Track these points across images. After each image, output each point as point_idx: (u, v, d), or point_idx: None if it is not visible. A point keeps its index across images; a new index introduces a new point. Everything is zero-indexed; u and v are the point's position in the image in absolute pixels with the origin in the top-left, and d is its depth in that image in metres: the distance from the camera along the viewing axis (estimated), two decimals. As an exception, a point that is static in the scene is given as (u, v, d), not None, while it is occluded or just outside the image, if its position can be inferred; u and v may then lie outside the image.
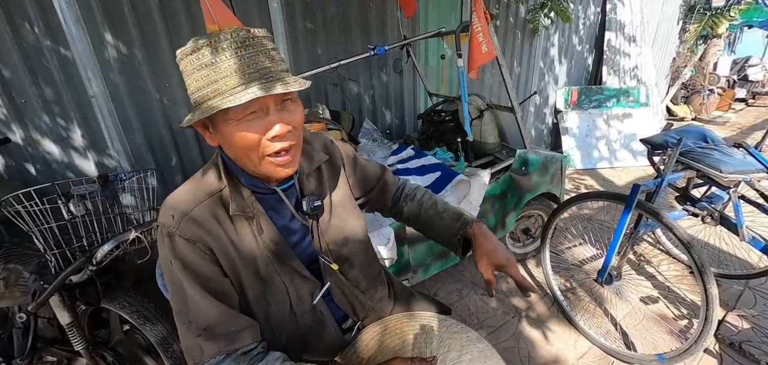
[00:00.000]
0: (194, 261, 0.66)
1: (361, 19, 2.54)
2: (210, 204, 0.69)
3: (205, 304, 0.65)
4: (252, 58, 0.59)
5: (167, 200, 0.70)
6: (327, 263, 0.80)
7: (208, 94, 0.60)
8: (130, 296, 1.30)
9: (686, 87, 6.01)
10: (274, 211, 0.76)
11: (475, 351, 0.79)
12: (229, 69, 0.58)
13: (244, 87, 0.58)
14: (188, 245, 0.66)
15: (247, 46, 0.59)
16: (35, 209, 1.05)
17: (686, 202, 1.84)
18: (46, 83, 1.73)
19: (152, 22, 1.86)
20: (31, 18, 1.63)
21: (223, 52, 0.58)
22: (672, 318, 1.93)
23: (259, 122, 0.62)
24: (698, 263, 1.38)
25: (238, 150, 0.65)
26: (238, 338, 0.67)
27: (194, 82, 0.60)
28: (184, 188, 0.71)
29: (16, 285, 1.24)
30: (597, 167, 4.11)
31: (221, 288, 0.69)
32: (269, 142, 0.63)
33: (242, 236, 0.71)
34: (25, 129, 1.74)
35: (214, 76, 0.59)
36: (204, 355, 0.65)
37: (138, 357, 1.40)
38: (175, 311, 0.68)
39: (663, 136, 1.77)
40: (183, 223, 0.66)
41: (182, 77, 0.63)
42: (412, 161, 1.90)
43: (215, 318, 0.66)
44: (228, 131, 0.62)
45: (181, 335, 0.67)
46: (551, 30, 3.82)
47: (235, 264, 0.70)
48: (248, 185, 0.72)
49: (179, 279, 0.66)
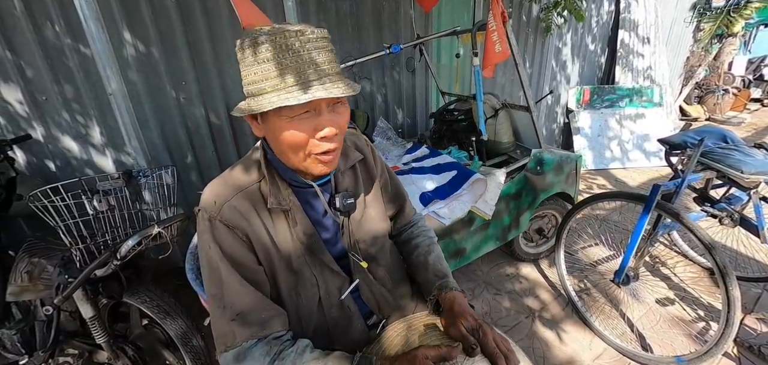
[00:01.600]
0: (233, 247, 0.68)
1: (375, 17, 2.54)
2: (249, 194, 0.71)
3: (241, 290, 0.67)
4: (312, 58, 0.60)
5: (209, 187, 0.72)
6: (357, 261, 0.82)
7: (266, 87, 0.60)
8: (150, 290, 1.32)
9: (700, 87, 5.91)
10: (308, 205, 0.78)
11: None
12: (290, 66, 0.59)
13: (302, 86, 0.59)
14: (228, 231, 0.68)
15: (308, 45, 0.60)
16: (61, 204, 1.07)
17: (705, 203, 1.81)
18: (66, 81, 1.75)
19: (169, 20, 1.88)
20: (53, 17, 1.65)
21: (286, 50, 0.58)
22: (689, 321, 1.90)
23: (310, 121, 0.63)
24: (721, 266, 1.36)
25: (284, 146, 0.65)
26: (269, 324, 0.68)
27: (252, 75, 0.61)
28: (226, 176, 0.73)
29: (39, 278, 1.26)
30: (609, 167, 4.06)
31: (255, 276, 0.71)
32: (317, 141, 0.65)
33: (278, 228, 0.73)
34: (46, 126, 1.77)
35: (274, 72, 0.59)
36: (236, 339, 0.66)
37: (157, 351, 1.42)
38: (210, 294, 0.69)
39: (682, 136, 1.75)
40: (224, 209, 0.68)
41: (239, 67, 0.64)
42: (426, 159, 1.90)
43: (249, 305, 0.67)
44: (278, 126, 0.63)
45: (214, 318, 0.68)
46: (564, 29, 3.78)
47: (270, 254, 0.72)
48: (286, 178, 0.74)
49: (217, 263, 0.68)
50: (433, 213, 1.60)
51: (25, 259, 1.28)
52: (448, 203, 1.62)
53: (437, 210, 1.60)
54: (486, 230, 1.91)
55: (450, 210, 1.62)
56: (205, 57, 2.02)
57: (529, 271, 2.35)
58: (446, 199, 1.61)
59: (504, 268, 2.38)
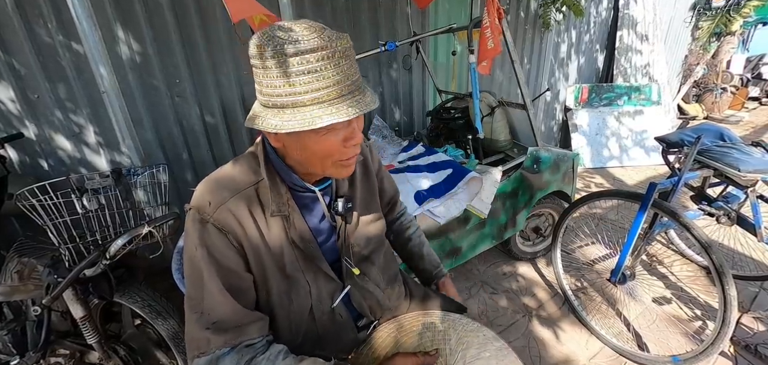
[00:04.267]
0: (221, 252, 0.66)
1: (371, 14, 2.52)
2: (246, 196, 0.69)
3: (221, 299, 0.65)
4: (349, 69, 0.59)
5: (203, 185, 0.69)
6: (349, 267, 0.80)
7: (304, 101, 0.57)
8: (142, 290, 1.31)
9: (698, 85, 5.90)
10: (307, 209, 0.76)
11: (492, 350, 0.78)
12: (332, 79, 0.57)
13: (343, 99, 0.58)
14: (219, 234, 0.66)
15: (347, 57, 0.59)
16: (49, 203, 1.05)
17: (701, 201, 1.80)
18: (59, 79, 1.74)
19: (162, 18, 1.86)
20: (45, 14, 1.63)
21: (328, 60, 0.56)
22: (686, 320, 1.90)
23: (343, 131, 0.63)
24: (717, 265, 1.35)
25: (315, 156, 0.65)
26: (244, 331, 0.66)
27: (288, 86, 0.57)
28: (221, 174, 0.71)
29: (30, 278, 1.25)
30: (607, 165, 4.06)
31: (241, 283, 0.69)
32: (347, 148, 0.65)
33: (274, 233, 0.71)
34: (39, 125, 1.75)
35: (316, 85, 0.56)
36: (210, 346, 0.64)
37: (149, 351, 1.41)
38: (188, 296, 0.67)
39: (679, 134, 1.74)
40: (219, 211, 0.65)
41: (258, 72, 0.59)
42: (422, 157, 1.89)
43: (227, 314, 0.65)
44: (312, 139, 0.62)
45: (188, 322, 0.67)
46: (562, 26, 3.77)
47: (262, 260, 0.70)
48: (287, 182, 0.72)
49: (201, 267, 0.65)
50: (428, 212, 1.59)
51: (15, 259, 1.27)
52: (443, 202, 1.61)
53: (432, 209, 1.59)
54: (482, 229, 1.90)
55: (445, 209, 1.61)
56: (200, 55, 2.00)
57: (526, 270, 2.34)
58: (441, 197, 1.60)
59: (501, 267, 2.37)
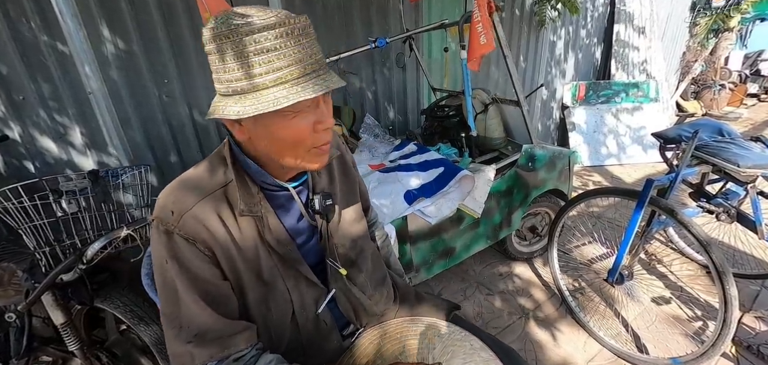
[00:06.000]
0: (193, 263, 0.61)
1: (363, 12, 2.49)
2: (213, 200, 0.63)
3: (198, 311, 0.61)
4: (311, 47, 0.55)
5: (165, 193, 0.63)
6: (335, 268, 0.76)
7: (266, 82, 0.53)
8: (124, 295, 1.27)
9: (696, 82, 5.87)
10: (282, 209, 0.71)
11: (479, 361, 0.74)
12: (293, 57, 0.53)
13: (307, 78, 0.55)
14: (188, 244, 0.61)
15: (307, 34, 0.55)
16: (22, 207, 1.02)
17: (701, 198, 1.77)
18: (44, 80, 1.71)
19: (149, 16, 1.83)
20: (28, 13, 1.60)
21: (288, 38, 0.52)
22: (686, 320, 1.86)
23: (312, 113, 0.59)
24: (717, 264, 1.32)
25: (285, 143, 0.60)
26: (231, 343, 0.62)
27: (246, 68, 0.53)
28: (185, 178, 0.65)
29: (9, 284, 1.21)
30: (605, 163, 4.02)
31: (219, 291, 0.64)
32: (319, 134, 0.61)
33: (246, 236, 0.66)
34: (24, 126, 1.72)
35: (277, 64, 0.52)
36: (195, 361, 0.60)
37: (134, 357, 1.37)
38: (164, 313, 0.63)
39: (676, 129, 1.70)
40: (183, 220, 0.60)
41: (213, 59, 0.56)
42: (414, 156, 1.85)
43: (208, 324, 0.61)
44: (279, 124, 0.57)
45: (168, 339, 0.62)
46: (558, 22, 3.73)
47: (236, 266, 0.65)
48: (258, 181, 0.67)
49: (173, 280, 0.61)
50: (419, 212, 1.55)
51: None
52: (434, 201, 1.58)
53: (423, 209, 1.55)
54: (476, 229, 1.86)
55: (437, 208, 1.57)
56: (189, 54, 1.97)
57: (522, 270, 2.30)
58: (432, 197, 1.56)
59: (497, 267, 2.33)
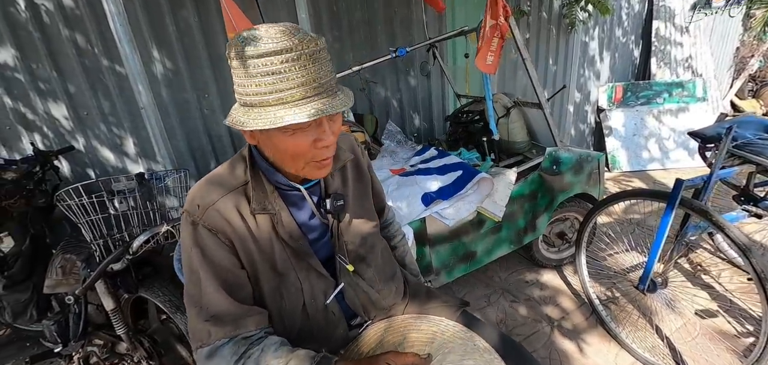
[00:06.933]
0: (214, 251, 0.69)
1: (386, 25, 2.57)
2: (234, 196, 0.71)
3: (217, 297, 0.68)
4: (318, 72, 0.59)
5: (194, 189, 0.73)
6: (343, 264, 0.81)
7: (270, 101, 0.59)
8: (165, 287, 1.41)
9: (754, 79, 5.35)
10: (295, 207, 0.77)
11: (480, 361, 0.75)
12: (296, 80, 0.58)
13: (308, 101, 0.59)
14: (210, 235, 0.69)
15: (314, 60, 0.59)
16: (81, 204, 1.18)
17: (747, 202, 1.63)
18: (104, 97, 1.94)
19: (192, 38, 2.03)
20: (92, 40, 1.84)
21: (293, 63, 0.57)
22: (734, 336, 1.71)
23: (312, 131, 0.64)
24: (758, 271, 1.22)
25: (285, 155, 0.66)
26: (242, 324, 0.69)
27: (254, 86, 0.59)
28: (210, 178, 0.74)
29: (71, 273, 1.39)
30: (647, 168, 3.77)
31: (236, 280, 0.72)
32: (318, 150, 0.66)
33: (262, 229, 0.73)
34: (87, 138, 1.96)
35: (280, 86, 0.58)
36: (211, 338, 0.68)
37: (171, 344, 1.51)
38: (188, 293, 0.72)
39: (715, 127, 1.60)
40: (207, 213, 0.68)
41: (232, 72, 0.62)
42: (434, 160, 1.87)
43: (225, 309, 0.68)
44: (280, 139, 0.64)
45: (190, 316, 0.71)
46: (590, 23, 3.60)
47: (253, 257, 0.72)
48: (273, 181, 0.74)
49: (197, 266, 0.69)
50: (436, 214, 1.57)
51: (60, 255, 1.43)
52: (452, 204, 1.59)
53: (441, 211, 1.57)
54: (498, 233, 1.84)
55: (455, 210, 1.58)
56: (226, 71, 2.15)
57: (550, 277, 2.22)
58: (450, 199, 1.58)
59: (523, 274, 2.27)
